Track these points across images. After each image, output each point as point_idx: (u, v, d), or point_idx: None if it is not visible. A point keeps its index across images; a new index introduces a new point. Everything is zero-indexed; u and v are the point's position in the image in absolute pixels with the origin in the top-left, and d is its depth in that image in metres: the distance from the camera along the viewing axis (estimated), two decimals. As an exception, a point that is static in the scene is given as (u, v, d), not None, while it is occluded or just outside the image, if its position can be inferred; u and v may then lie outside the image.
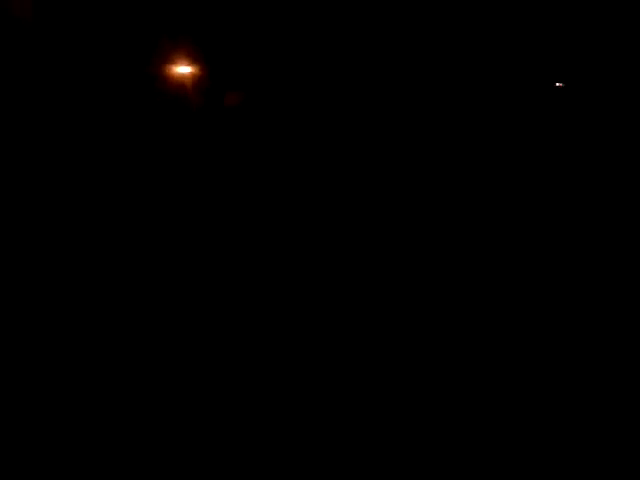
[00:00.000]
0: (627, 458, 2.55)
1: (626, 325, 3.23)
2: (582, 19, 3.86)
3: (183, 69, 3.66)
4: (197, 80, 3.69)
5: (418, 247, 3.64)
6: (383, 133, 3.89)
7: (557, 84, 3.92)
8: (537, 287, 3.46)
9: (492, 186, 3.84)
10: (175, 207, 3.64)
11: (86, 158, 3.58)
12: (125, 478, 2.46)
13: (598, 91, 3.93)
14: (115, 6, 3.48)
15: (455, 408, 2.80)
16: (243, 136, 3.80)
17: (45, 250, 3.41)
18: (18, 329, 3.09)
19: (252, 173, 3.76)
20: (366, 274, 3.51)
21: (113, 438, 2.60)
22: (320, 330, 3.21)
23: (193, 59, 3.67)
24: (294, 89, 3.82)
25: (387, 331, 3.21)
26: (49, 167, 3.54)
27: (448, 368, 3.02)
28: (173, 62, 3.64)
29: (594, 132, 3.96)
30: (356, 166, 3.85)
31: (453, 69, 3.90)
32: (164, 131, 3.69)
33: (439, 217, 3.76)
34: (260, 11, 3.69)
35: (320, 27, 3.75)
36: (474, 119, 3.90)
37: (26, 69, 3.25)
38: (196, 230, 3.61)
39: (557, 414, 2.77)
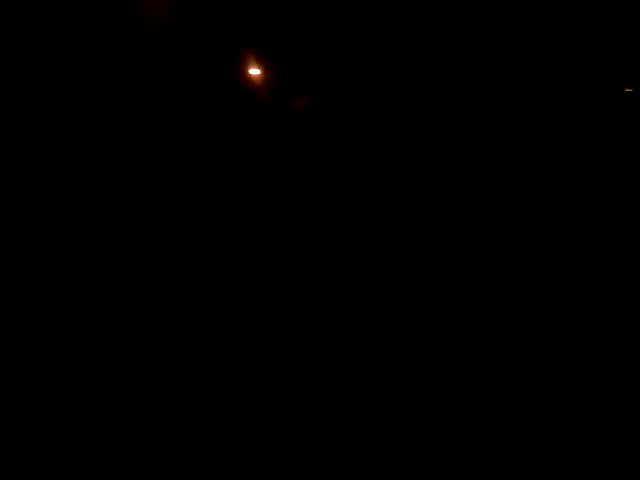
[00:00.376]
0: (627, 458, 2.55)
1: (626, 325, 3.22)
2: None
3: (254, 71, 3.73)
4: (267, 82, 3.76)
5: (422, 247, 3.64)
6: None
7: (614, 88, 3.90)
8: (537, 287, 3.44)
9: (495, 187, 3.85)
10: (241, 207, 3.69)
11: (168, 157, 3.68)
12: (125, 478, 2.46)
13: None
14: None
15: (455, 408, 2.81)
16: (310, 138, 3.85)
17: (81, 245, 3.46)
18: (18, 329, 3.11)
19: (320, 176, 3.80)
20: (370, 273, 3.52)
21: (113, 438, 2.61)
22: (321, 329, 3.22)
23: (264, 61, 3.74)
24: (364, 92, 3.86)
25: (387, 330, 3.22)
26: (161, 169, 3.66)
27: (448, 367, 3.02)
28: (246, 64, 3.73)
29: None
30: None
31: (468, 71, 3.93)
32: (238, 131, 3.78)
33: (447, 218, 3.75)
34: (332, 13, 3.75)
35: (393, 32, 3.78)
36: (478, 118, 3.92)
37: (157, 84, 3.52)
38: (269, 230, 3.65)
39: (557, 414, 2.77)
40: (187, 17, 3.61)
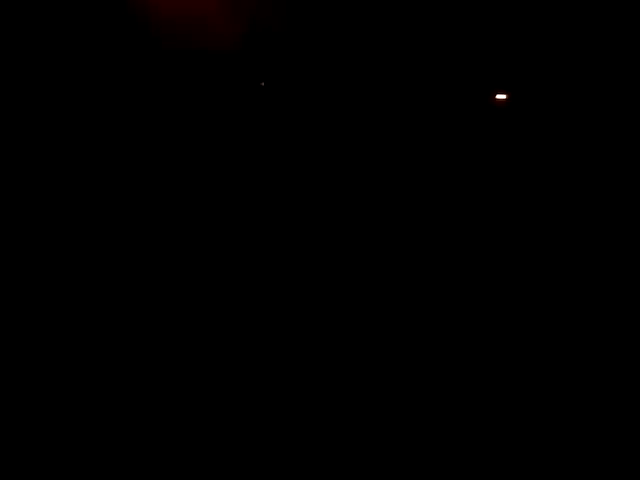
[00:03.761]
0: (627, 458, 2.55)
1: (626, 325, 3.21)
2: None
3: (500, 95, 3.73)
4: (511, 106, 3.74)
5: (421, 247, 3.63)
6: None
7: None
8: (537, 287, 3.44)
9: (492, 188, 3.85)
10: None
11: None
12: (125, 478, 2.47)
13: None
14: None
15: (455, 408, 2.81)
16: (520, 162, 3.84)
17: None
18: (18, 329, 3.11)
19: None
20: (370, 274, 3.52)
21: (113, 438, 2.62)
22: (321, 330, 3.22)
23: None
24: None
25: (387, 331, 3.22)
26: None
27: (448, 367, 3.02)
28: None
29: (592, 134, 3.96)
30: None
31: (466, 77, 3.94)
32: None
33: (446, 218, 3.76)
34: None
35: None
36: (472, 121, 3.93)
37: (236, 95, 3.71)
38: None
39: (557, 413, 2.77)
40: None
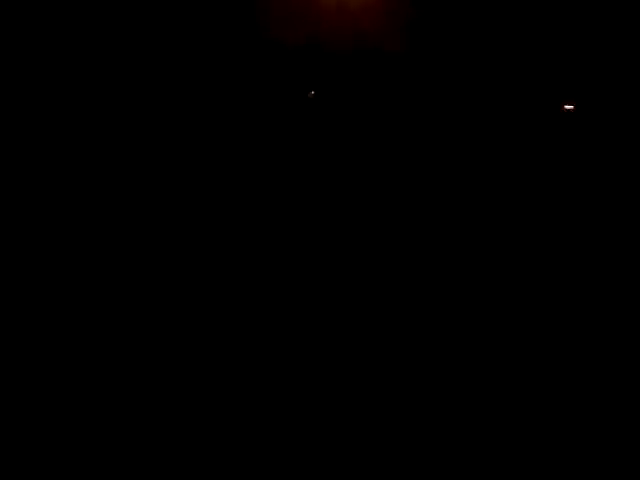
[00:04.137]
0: (627, 458, 2.54)
1: (626, 325, 3.23)
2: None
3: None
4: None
5: (420, 248, 3.67)
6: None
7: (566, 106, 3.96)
8: (537, 288, 3.46)
9: (491, 191, 3.87)
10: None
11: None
12: (125, 478, 2.47)
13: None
14: None
15: (455, 408, 2.80)
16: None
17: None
18: (18, 329, 3.12)
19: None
20: (369, 275, 3.55)
21: (113, 438, 2.61)
22: (320, 330, 3.23)
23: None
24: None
25: (387, 331, 3.23)
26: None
27: (448, 368, 3.03)
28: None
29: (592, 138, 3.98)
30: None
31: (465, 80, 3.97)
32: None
33: (446, 220, 3.79)
34: None
35: None
36: (476, 125, 3.95)
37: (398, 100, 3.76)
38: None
39: (557, 413, 2.77)
40: None
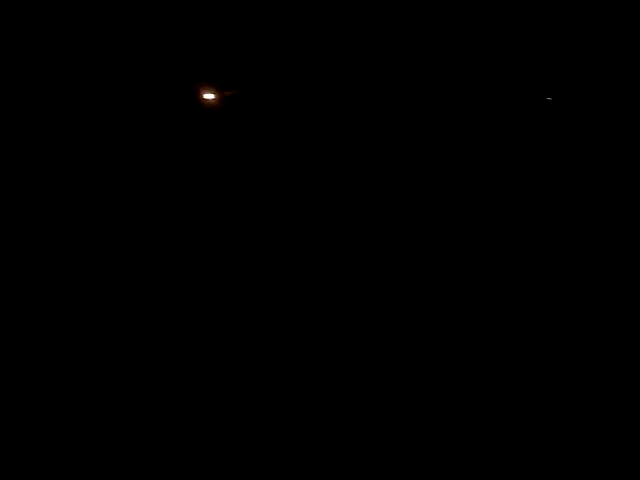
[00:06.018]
0: (627, 458, 2.57)
1: (626, 325, 3.20)
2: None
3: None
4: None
5: (418, 248, 3.63)
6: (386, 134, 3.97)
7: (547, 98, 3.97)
8: (536, 288, 3.43)
9: (487, 190, 3.86)
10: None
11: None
12: (125, 478, 2.50)
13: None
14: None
15: (454, 408, 2.83)
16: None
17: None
18: (18, 329, 3.13)
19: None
20: (367, 275, 3.52)
21: (113, 438, 2.66)
22: (320, 329, 3.23)
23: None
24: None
25: (386, 331, 3.22)
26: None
27: (447, 368, 3.03)
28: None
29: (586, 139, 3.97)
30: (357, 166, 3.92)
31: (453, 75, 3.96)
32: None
33: (439, 219, 3.75)
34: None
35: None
36: (471, 125, 3.94)
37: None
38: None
39: (557, 413, 2.79)
40: None
